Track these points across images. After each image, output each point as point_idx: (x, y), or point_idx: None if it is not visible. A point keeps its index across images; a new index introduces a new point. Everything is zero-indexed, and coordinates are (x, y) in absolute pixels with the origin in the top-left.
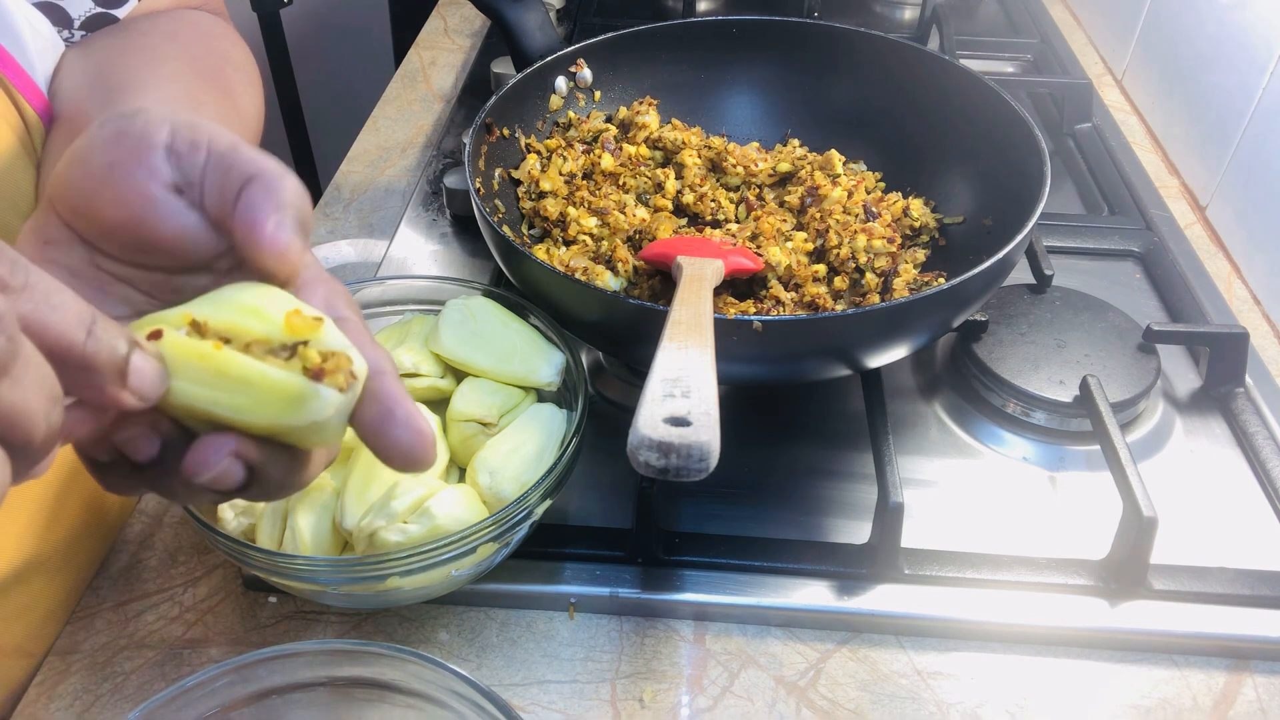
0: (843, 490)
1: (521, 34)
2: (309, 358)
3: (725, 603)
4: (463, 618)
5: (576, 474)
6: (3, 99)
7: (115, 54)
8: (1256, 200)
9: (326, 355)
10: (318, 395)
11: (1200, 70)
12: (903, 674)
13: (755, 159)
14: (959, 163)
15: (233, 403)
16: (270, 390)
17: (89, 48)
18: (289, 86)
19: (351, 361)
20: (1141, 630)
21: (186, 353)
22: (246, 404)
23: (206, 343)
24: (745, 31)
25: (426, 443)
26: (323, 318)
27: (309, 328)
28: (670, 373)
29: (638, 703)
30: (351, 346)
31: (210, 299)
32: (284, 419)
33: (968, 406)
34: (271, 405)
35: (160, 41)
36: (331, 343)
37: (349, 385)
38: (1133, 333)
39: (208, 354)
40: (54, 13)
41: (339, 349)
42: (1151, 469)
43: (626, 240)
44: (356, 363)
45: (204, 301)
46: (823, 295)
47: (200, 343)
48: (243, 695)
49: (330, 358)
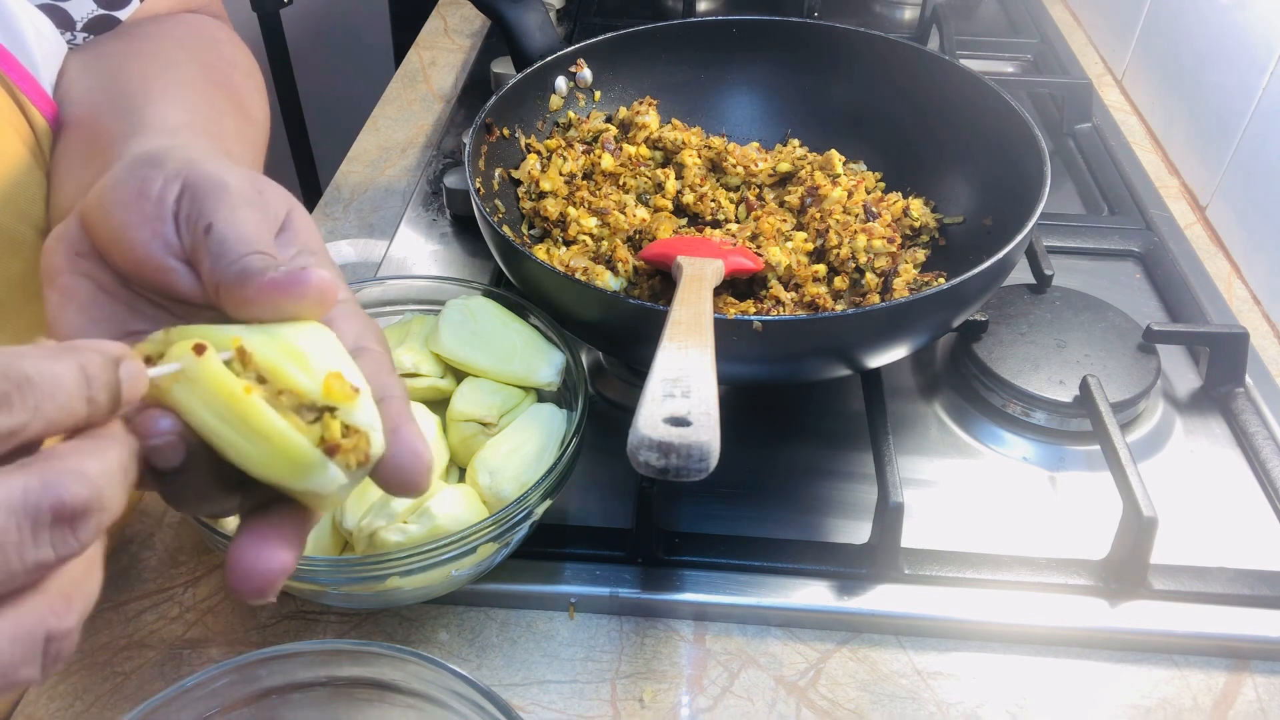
0: (843, 490)
1: (521, 34)
2: (331, 430)
3: (725, 603)
4: (463, 618)
5: (576, 474)
6: (11, 107)
7: (124, 59)
8: (1256, 200)
9: (349, 431)
10: (324, 470)
11: (1200, 70)
12: (903, 674)
13: (755, 159)
14: (959, 163)
15: (242, 447)
16: (282, 450)
17: (95, 51)
18: (289, 86)
19: (370, 445)
20: (1141, 630)
21: (217, 385)
22: (255, 454)
23: (239, 382)
24: (745, 31)
25: (422, 465)
26: (360, 389)
27: (344, 396)
28: (670, 373)
29: (638, 703)
30: (377, 426)
31: (267, 330)
32: (285, 480)
33: (968, 406)
34: (278, 464)
35: (168, 47)
36: (359, 418)
37: (358, 468)
38: (1133, 333)
39: (237, 396)
40: (56, 15)
41: (363, 428)
42: (1151, 469)
43: (626, 240)
44: (374, 446)
45: (259, 331)
46: (823, 295)
47: (233, 380)
48: (243, 695)
49: (351, 434)
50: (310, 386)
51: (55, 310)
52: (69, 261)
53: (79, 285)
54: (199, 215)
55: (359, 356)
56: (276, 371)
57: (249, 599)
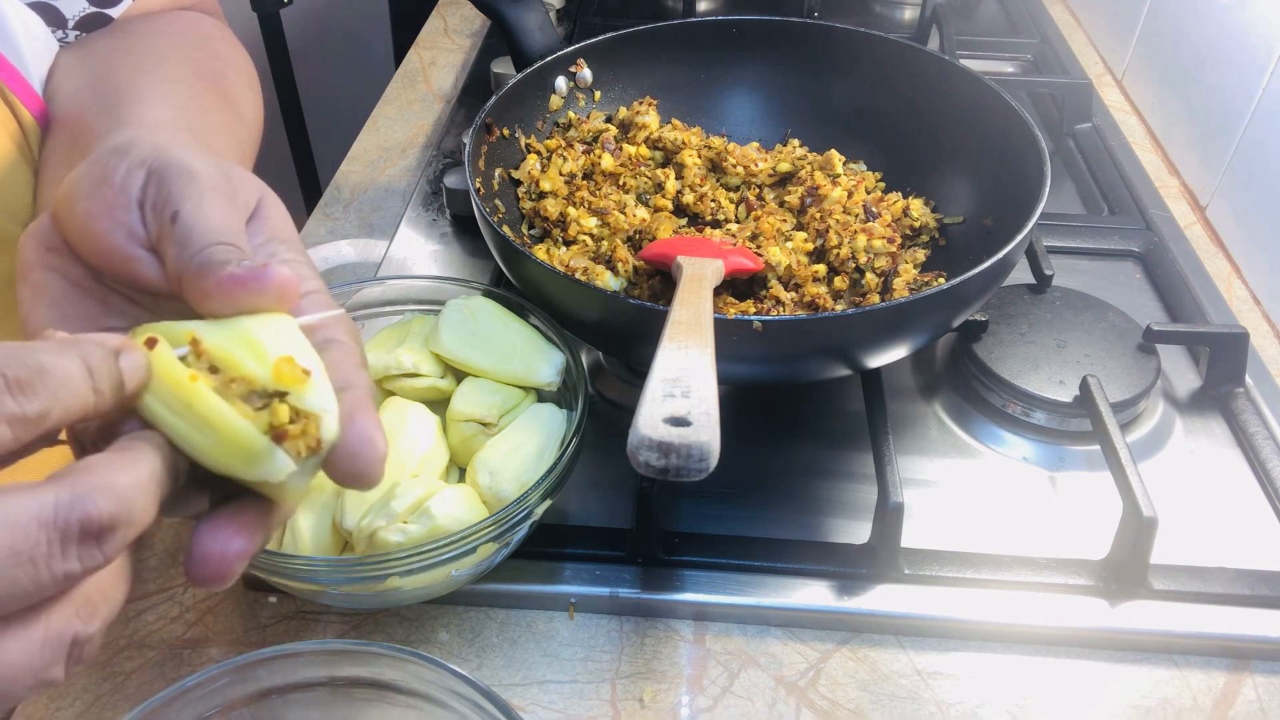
0: (843, 490)
1: (521, 34)
2: (278, 415)
3: (725, 603)
4: (463, 618)
5: (576, 474)
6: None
7: (114, 57)
8: (1256, 200)
9: (298, 415)
10: (272, 458)
11: (1200, 70)
12: (903, 674)
13: (755, 159)
14: (959, 163)
15: (192, 439)
16: (229, 439)
17: (86, 49)
18: (289, 86)
19: (320, 429)
20: (1141, 630)
21: (166, 375)
22: (204, 444)
23: (185, 371)
24: (745, 31)
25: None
26: (311, 371)
27: (295, 380)
28: (670, 373)
29: (638, 703)
30: (331, 410)
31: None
32: (236, 470)
33: (968, 406)
34: (227, 453)
35: (160, 45)
36: (312, 402)
37: (309, 455)
38: (1133, 333)
39: (182, 383)
40: (48, 12)
41: (315, 411)
42: (1151, 469)
43: (626, 240)
44: (325, 431)
45: (218, 325)
46: (823, 295)
47: (179, 370)
48: (243, 695)
49: (301, 419)
50: (260, 372)
51: (27, 306)
52: (40, 257)
53: (50, 280)
54: (165, 202)
55: (326, 348)
56: (228, 360)
57: (206, 584)
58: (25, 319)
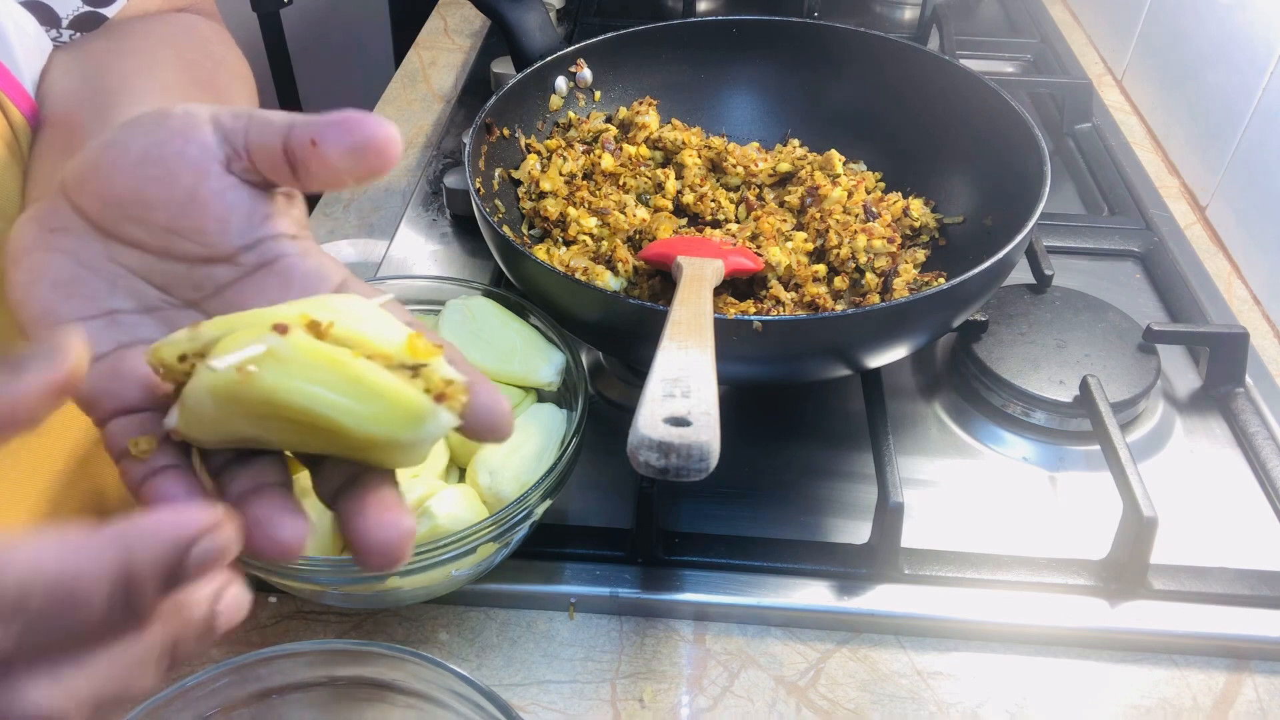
0: (843, 490)
1: (521, 34)
2: (433, 381)
3: (725, 603)
4: (463, 618)
5: (576, 474)
6: None
7: (108, 57)
8: (1256, 200)
9: (447, 381)
10: (437, 417)
11: (1200, 70)
12: (903, 674)
13: (755, 159)
14: (959, 163)
15: (354, 409)
16: (397, 404)
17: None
18: (289, 86)
19: (464, 391)
20: (1141, 630)
21: (319, 357)
22: (368, 413)
23: (342, 350)
24: (745, 31)
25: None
26: (442, 345)
27: (430, 353)
28: (670, 373)
29: (638, 703)
30: (462, 376)
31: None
32: (398, 433)
33: (968, 406)
34: (393, 419)
35: (154, 45)
36: (448, 371)
37: (461, 413)
38: (1133, 333)
39: (343, 362)
40: (42, 12)
41: (454, 378)
42: (1151, 469)
43: (626, 240)
44: (466, 394)
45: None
46: (823, 295)
47: (335, 350)
48: (243, 695)
49: (449, 384)
50: (394, 349)
51: (23, 290)
52: (42, 239)
53: (53, 261)
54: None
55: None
56: (357, 338)
57: (387, 567)
58: (22, 303)
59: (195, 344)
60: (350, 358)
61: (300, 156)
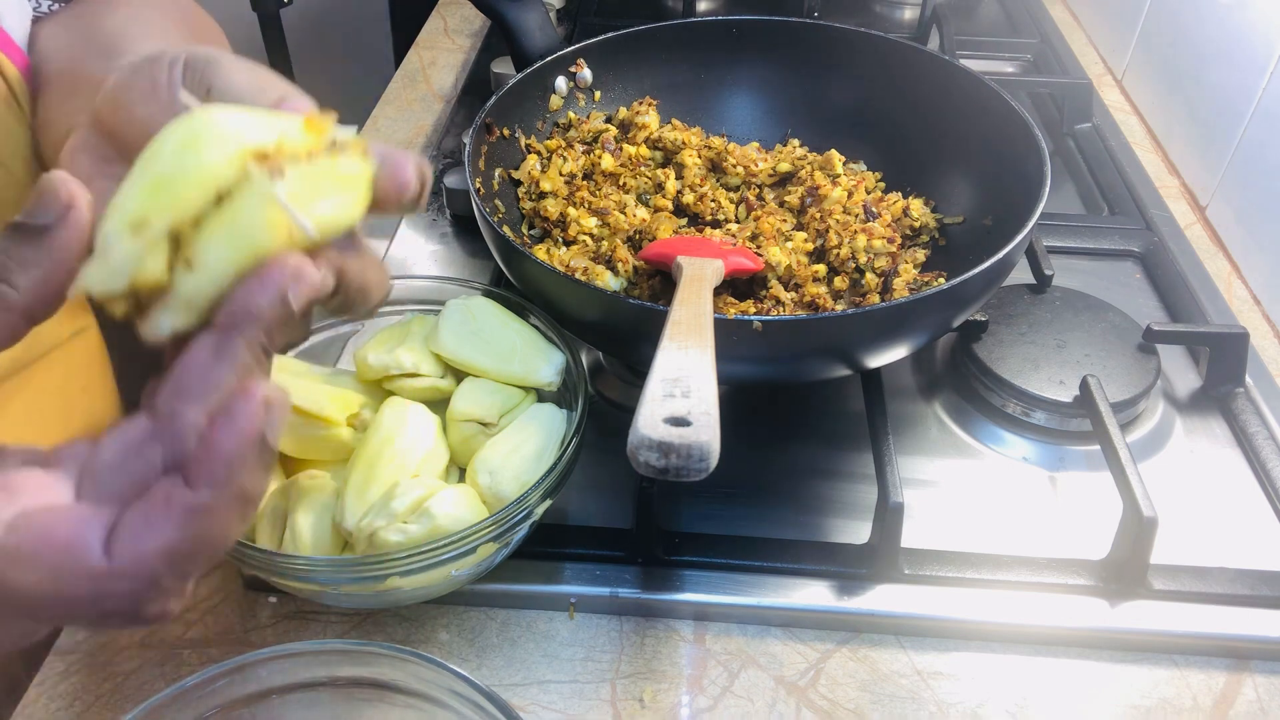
0: (843, 490)
1: (521, 34)
2: (354, 147)
3: (725, 603)
4: (463, 618)
5: (576, 474)
6: None
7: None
8: (1256, 200)
9: (353, 141)
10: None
11: (1200, 70)
12: (903, 674)
13: (755, 159)
14: (959, 163)
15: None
16: (360, 179)
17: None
18: None
19: (363, 142)
20: (1141, 630)
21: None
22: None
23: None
24: (745, 31)
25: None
26: (331, 113)
27: (328, 122)
28: (670, 373)
29: (638, 703)
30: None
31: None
32: (365, 201)
33: (968, 406)
34: (363, 192)
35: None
36: (343, 129)
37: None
38: (1133, 333)
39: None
40: None
41: (349, 132)
42: (1151, 469)
43: (626, 240)
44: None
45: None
46: (823, 295)
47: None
48: (243, 695)
49: (356, 142)
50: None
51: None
52: (99, 167)
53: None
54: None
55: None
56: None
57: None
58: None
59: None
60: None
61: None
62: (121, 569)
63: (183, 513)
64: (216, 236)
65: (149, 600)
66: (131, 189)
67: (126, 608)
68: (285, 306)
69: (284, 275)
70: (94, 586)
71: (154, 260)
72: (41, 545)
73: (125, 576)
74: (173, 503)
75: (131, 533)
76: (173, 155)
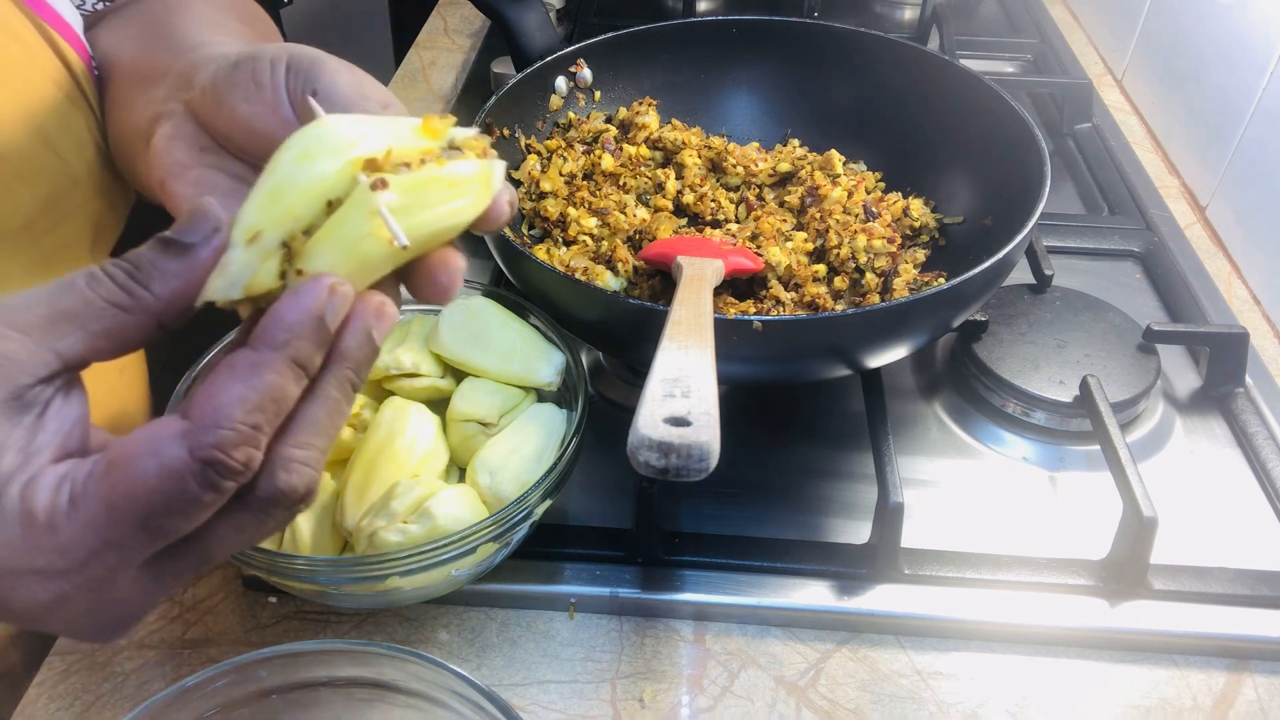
0: (843, 490)
1: (521, 34)
2: (473, 146)
3: (725, 603)
4: (463, 618)
5: (576, 474)
6: (43, 48)
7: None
8: (1256, 200)
9: (474, 139)
10: (495, 169)
11: (1200, 70)
12: (903, 674)
13: (755, 159)
14: (959, 163)
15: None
16: (481, 180)
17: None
18: None
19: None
20: (1141, 630)
21: (413, 183)
22: (470, 203)
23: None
24: (745, 31)
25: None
26: (449, 116)
27: (445, 126)
28: (670, 373)
29: (638, 703)
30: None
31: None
32: (488, 200)
33: (968, 406)
34: (483, 193)
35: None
36: (465, 133)
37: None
38: (1133, 333)
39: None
40: None
41: (471, 134)
42: (1151, 469)
43: (626, 240)
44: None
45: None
46: (823, 295)
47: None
48: (243, 695)
49: (475, 140)
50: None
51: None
52: (197, 157)
53: (214, 178)
54: (304, 85)
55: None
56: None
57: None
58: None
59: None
60: (434, 172)
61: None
62: (201, 420)
63: (247, 367)
64: (324, 246)
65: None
66: (252, 200)
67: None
68: (371, 345)
69: (368, 314)
70: (188, 443)
71: (267, 269)
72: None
73: (208, 427)
74: (236, 365)
75: (203, 395)
76: (290, 166)
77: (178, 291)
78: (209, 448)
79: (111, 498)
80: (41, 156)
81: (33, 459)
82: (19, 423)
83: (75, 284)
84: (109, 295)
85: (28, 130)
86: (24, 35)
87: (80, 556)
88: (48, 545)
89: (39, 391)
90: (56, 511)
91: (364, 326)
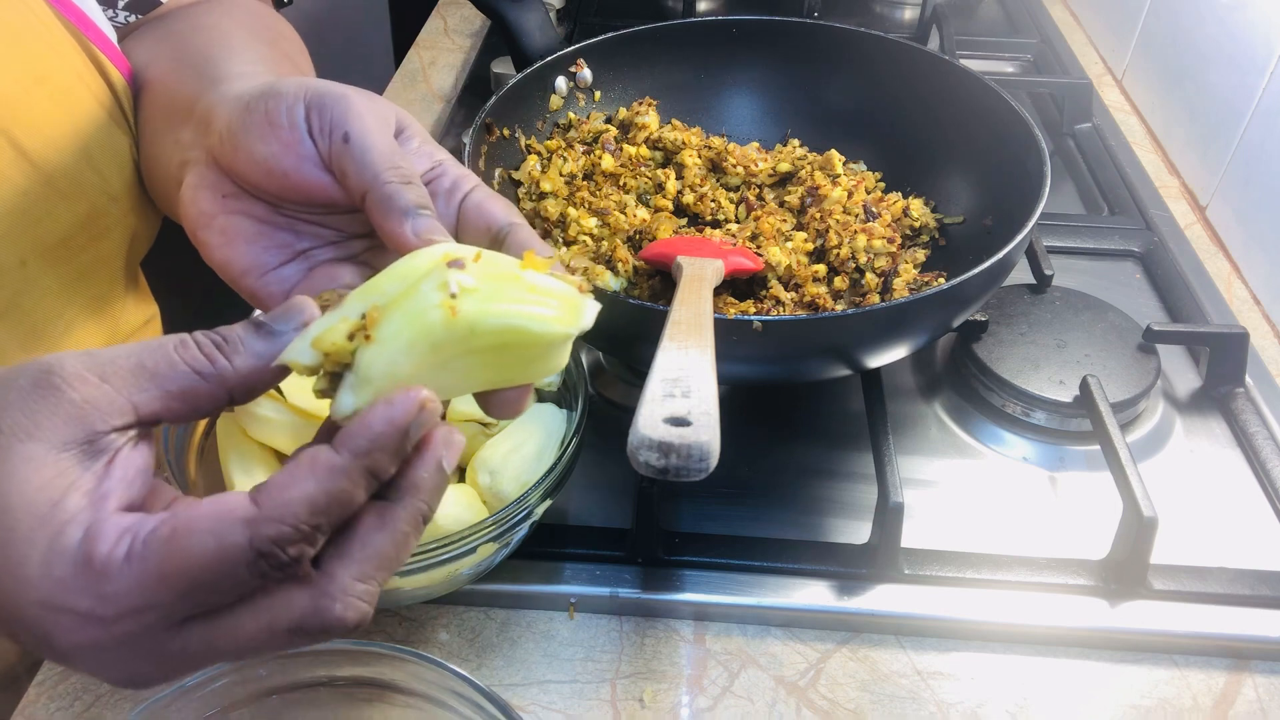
0: (843, 490)
1: (521, 34)
2: (571, 281)
3: (725, 603)
4: (463, 618)
5: (576, 474)
6: (87, 66)
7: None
8: (1256, 200)
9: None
10: (587, 304)
11: (1200, 70)
12: (903, 674)
13: (755, 159)
14: (959, 162)
15: (541, 314)
16: (566, 299)
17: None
18: None
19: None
20: (1141, 630)
21: (491, 273)
22: (550, 314)
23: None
24: (745, 31)
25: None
26: (552, 257)
27: (547, 262)
28: (670, 373)
29: (638, 703)
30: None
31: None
32: (570, 326)
33: (968, 406)
34: (565, 314)
35: (223, 22)
36: (562, 271)
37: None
38: (1133, 333)
39: (517, 275)
40: None
41: (569, 277)
42: (1151, 469)
43: (626, 240)
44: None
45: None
46: (823, 295)
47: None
48: (243, 695)
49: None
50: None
51: (221, 251)
52: (220, 204)
53: (239, 224)
54: (333, 126)
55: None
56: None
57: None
58: (228, 261)
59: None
60: (520, 271)
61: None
62: (268, 512)
63: (325, 469)
64: (394, 313)
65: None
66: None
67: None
68: (442, 475)
69: (438, 444)
70: (250, 531)
71: (339, 330)
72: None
73: (272, 520)
74: (317, 462)
75: (277, 484)
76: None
77: (254, 369)
78: (268, 540)
79: (165, 566)
80: (84, 175)
81: (99, 505)
82: (89, 467)
83: (164, 345)
84: (192, 360)
85: (73, 150)
86: (71, 56)
87: (122, 608)
88: (95, 590)
89: (112, 439)
90: (113, 562)
91: (435, 457)
